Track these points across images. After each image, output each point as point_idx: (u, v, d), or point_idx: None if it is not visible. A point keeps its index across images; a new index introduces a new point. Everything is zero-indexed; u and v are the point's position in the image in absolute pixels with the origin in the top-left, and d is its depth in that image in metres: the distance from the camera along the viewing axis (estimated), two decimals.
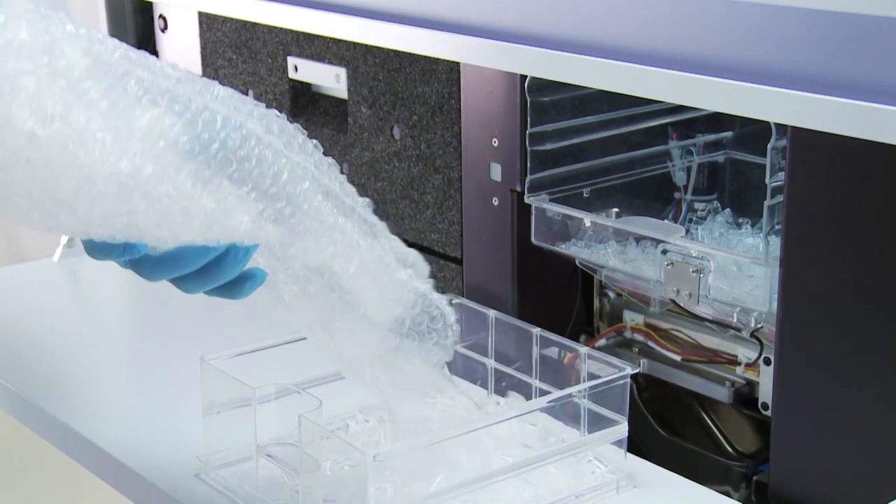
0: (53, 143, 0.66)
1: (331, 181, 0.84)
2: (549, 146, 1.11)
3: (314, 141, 0.83)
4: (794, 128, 0.86)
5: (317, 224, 0.81)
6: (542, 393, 1.00)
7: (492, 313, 1.05)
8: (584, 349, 0.97)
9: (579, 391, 0.93)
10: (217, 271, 0.78)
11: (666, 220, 1.13)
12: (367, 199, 0.89)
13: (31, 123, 0.65)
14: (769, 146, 0.96)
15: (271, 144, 0.77)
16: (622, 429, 0.93)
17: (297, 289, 0.83)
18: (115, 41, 0.73)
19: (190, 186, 0.73)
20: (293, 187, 0.78)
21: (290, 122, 0.92)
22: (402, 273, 0.87)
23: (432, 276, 1.19)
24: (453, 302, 1.07)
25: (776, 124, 0.95)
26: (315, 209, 0.80)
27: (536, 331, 1.00)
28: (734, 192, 1.19)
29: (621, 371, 0.93)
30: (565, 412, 0.95)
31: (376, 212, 1.24)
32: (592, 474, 0.93)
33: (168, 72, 0.74)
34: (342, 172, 1.26)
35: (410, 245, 1.21)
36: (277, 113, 0.80)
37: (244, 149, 0.75)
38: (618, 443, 0.94)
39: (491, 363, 1.05)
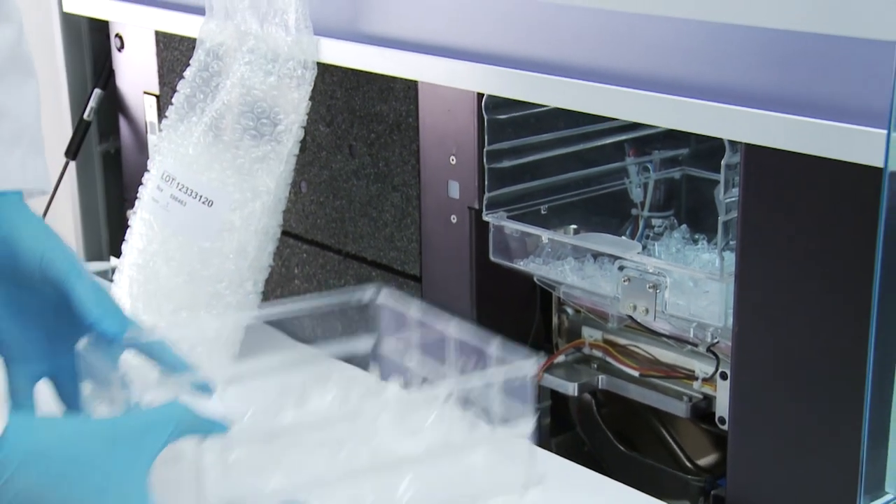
0: None
1: None
2: (506, 164, 1.11)
3: None
4: (747, 144, 0.87)
5: None
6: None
7: (415, 312, 0.99)
8: (492, 348, 0.90)
9: (479, 384, 0.88)
10: None
11: (623, 237, 1.14)
12: None
13: None
14: (723, 163, 0.97)
15: None
16: (528, 423, 0.88)
17: None
18: None
19: None
20: None
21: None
22: None
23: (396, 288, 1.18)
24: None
25: (730, 141, 0.96)
26: None
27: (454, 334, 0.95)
28: (690, 208, 1.19)
29: (522, 368, 0.88)
30: (476, 407, 0.90)
31: (335, 230, 1.25)
32: (497, 471, 0.89)
33: None
34: (301, 191, 1.27)
35: (370, 263, 1.22)
36: None
37: None
38: (524, 438, 0.89)
39: (411, 362, 1.00)
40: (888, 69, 0.71)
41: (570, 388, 1.11)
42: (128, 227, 1.22)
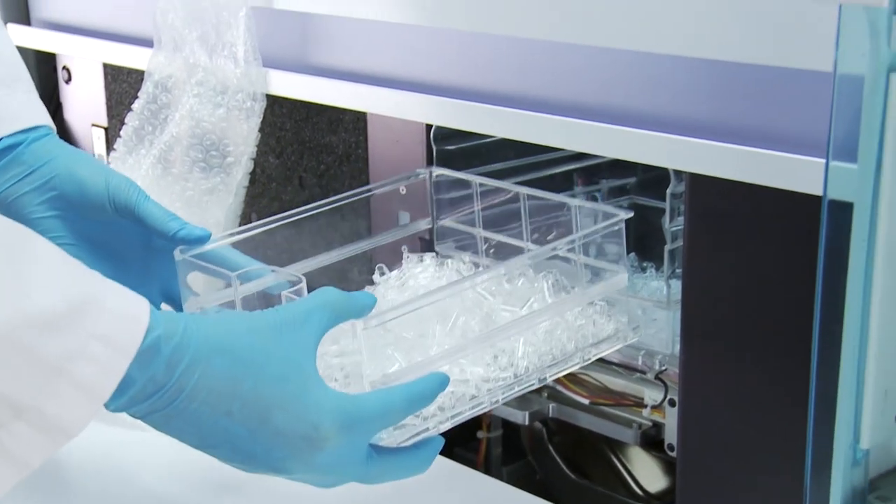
0: None
1: None
2: (454, 194, 1.11)
3: None
4: (691, 174, 0.88)
5: None
6: None
7: (477, 179, 1.00)
8: (575, 202, 0.93)
9: (571, 241, 0.89)
10: None
11: None
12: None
13: None
14: (668, 191, 0.98)
15: None
16: (622, 278, 0.91)
17: None
18: None
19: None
20: None
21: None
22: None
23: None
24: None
25: (674, 170, 0.98)
26: None
27: (524, 191, 0.96)
28: (638, 236, 1.20)
29: (614, 217, 0.89)
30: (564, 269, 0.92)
31: (285, 262, 1.24)
32: (600, 324, 0.92)
33: None
34: (250, 221, 1.26)
35: None
36: None
37: None
38: (620, 287, 0.91)
39: (479, 232, 1.02)
40: (826, 99, 0.73)
41: (521, 417, 1.11)
42: None
